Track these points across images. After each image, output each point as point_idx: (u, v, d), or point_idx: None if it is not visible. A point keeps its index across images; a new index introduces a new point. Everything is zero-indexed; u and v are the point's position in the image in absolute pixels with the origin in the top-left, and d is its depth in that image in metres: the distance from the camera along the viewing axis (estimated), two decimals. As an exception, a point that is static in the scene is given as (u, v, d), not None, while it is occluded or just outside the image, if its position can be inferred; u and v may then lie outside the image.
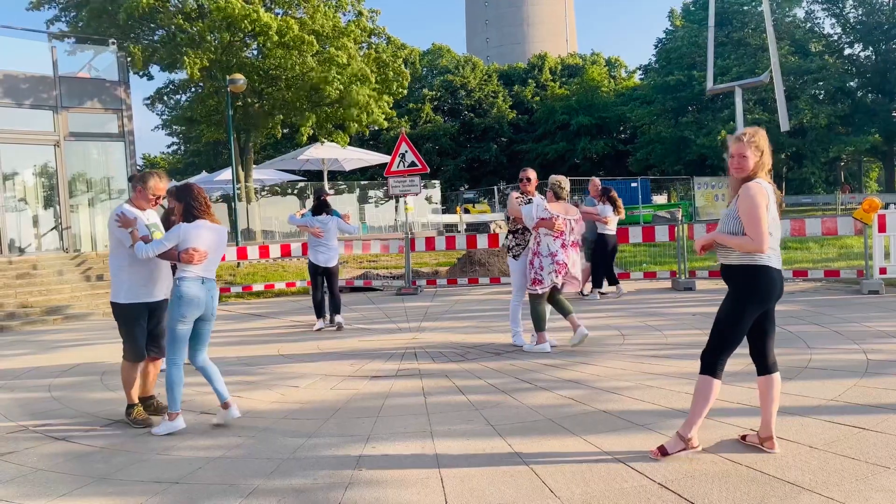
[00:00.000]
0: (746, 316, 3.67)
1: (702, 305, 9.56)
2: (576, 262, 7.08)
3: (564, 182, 7.17)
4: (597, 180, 11.40)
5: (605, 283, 10.96)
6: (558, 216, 6.90)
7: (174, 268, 5.17)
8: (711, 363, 3.72)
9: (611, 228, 10.82)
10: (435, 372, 6.36)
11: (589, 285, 10.89)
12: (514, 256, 7.35)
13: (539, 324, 7.02)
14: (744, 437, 3.98)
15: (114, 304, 5.14)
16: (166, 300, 5.15)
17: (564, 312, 7.09)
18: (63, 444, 4.73)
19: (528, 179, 7.31)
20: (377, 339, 8.38)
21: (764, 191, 3.59)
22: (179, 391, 4.86)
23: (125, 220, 4.95)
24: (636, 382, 5.52)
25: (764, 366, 3.82)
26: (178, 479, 3.97)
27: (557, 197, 7.07)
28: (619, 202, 10.97)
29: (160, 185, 5.20)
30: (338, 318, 9.26)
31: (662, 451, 3.80)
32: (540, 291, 6.97)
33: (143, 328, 5.13)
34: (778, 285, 3.67)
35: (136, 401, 5.19)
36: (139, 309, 5.09)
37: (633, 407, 4.85)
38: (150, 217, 5.31)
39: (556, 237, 6.93)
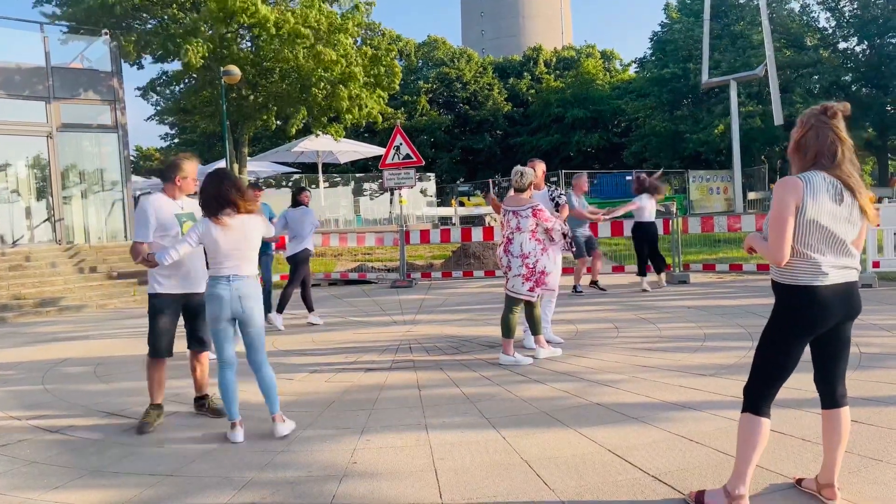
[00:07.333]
0: (783, 344, 2.99)
1: (696, 299, 9.60)
2: (510, 263, 6.21)
3: (523, 171, 6.27)
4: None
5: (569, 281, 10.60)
6: (502, 207, 6.30)
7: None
8: (752, 398, 3.05)
9: (647, 217, 10.65)
10: (429, 364, 6.37)
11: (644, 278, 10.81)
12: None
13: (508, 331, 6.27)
14: (799, 482, 3.30)
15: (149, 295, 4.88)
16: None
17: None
18: (56, 437, 4.72)
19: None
20: (372, 331, 8.38)
21: (794, 186, 2.88)
22: (228, 397, 4.51)
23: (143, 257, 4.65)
24: (630, 375, 5.53)
25: (830, 397, 3.13)
26: (172, 471, 3.96)
27: (514, 189, 6.28)
28: (662, 192, 11.08)
29: (191, 167, 4.92)
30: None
31: (698, 500, 3.16)
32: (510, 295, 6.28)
33: (166, 322, 4.82)
34: (832, 309, 2.93)
35: (156, 401, 4.86)
36: (165, 301, 4.80)
37: (627, 399, 4.87)
38: (186, 206, 4.94)
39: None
